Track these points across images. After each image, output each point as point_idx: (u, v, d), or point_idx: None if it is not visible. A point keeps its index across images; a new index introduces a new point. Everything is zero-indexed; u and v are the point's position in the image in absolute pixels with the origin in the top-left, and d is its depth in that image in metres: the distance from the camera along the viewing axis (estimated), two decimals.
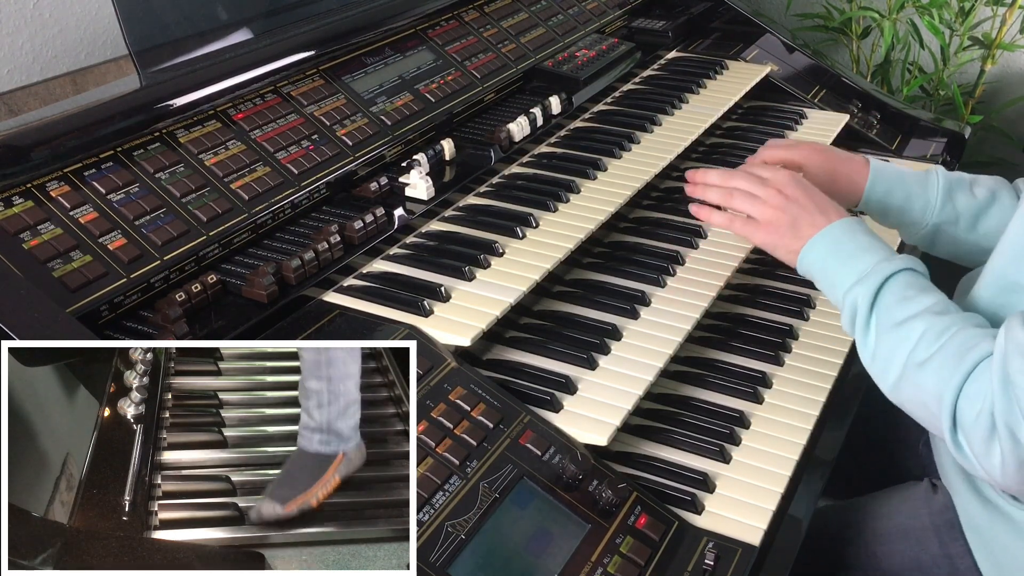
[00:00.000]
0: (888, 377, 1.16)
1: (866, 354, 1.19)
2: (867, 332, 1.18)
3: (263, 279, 1.19)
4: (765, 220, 1.29)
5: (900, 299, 1.16)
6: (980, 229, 1.42)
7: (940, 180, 1.44)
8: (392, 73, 1.60)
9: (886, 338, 1.15)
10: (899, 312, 1.15)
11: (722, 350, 1.43)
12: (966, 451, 1.08)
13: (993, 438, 1.04)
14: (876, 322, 1.17)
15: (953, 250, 1.46)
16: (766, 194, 1.30)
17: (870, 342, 1.17)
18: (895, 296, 1.16)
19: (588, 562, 1.02)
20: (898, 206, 1.44)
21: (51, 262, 1.10)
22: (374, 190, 1.43)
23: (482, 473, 1.06)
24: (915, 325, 1.13)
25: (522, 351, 1.29)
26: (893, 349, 1.14)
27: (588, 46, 1.92)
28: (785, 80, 2.09)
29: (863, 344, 1.19)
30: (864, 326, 1.18)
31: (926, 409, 1.13)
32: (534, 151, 1.67)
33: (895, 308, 1.16)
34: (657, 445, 1.24)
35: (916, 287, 1.17)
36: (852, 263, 1.21)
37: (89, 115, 1.23)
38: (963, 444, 1.08)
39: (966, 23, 2.47)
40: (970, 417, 1.06)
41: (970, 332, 1.11)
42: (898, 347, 1.14)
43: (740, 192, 1.33)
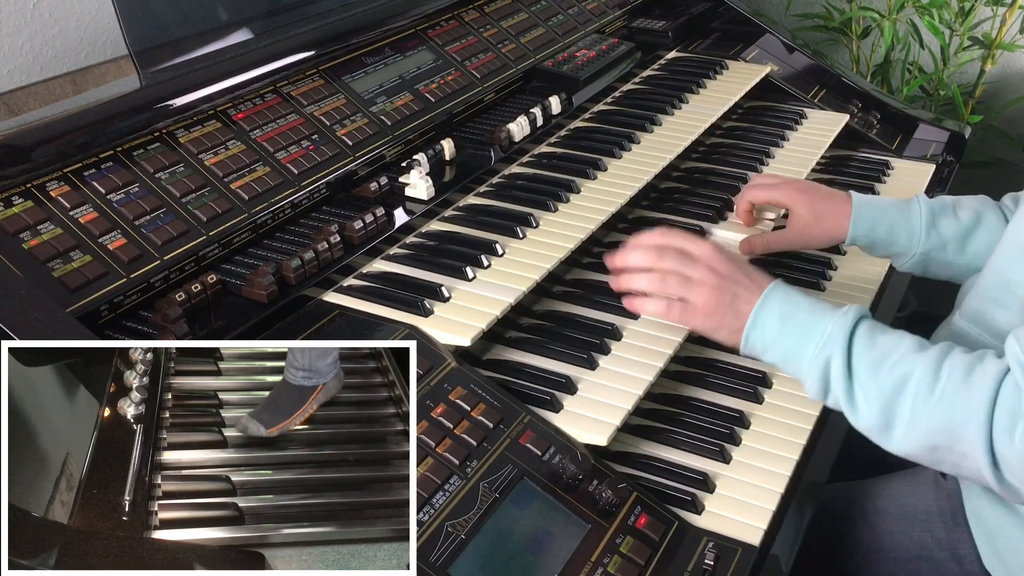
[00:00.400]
0: (894, 429, 1.10)
1: (858, 415, 1.12)
2: (851, 393, 1.12)
3: (263, 279, 1.19)
4: (703, 303, 1.20)
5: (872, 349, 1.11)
6: (969, 251, 1.43)
7: (923, 209, 1.44)
8: (392, 73, 1.60)
9: (874, 390, 1.10)
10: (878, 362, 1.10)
11: (722, 350, 1.42)
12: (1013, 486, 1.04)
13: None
14: (858, 381, 1.11)
15: (947, 273, 1.48)
16: (699, 275, 1.21)
17: (859, 402, 1.11)
18: (864, 346, 1.12)
19: (588, 562, 1.02)
20: (884, 239, 1.46)
21: (51, 262, 1.10)
22: (374, 190, 1.43)
23: (482, 473, 1.06)
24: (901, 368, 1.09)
25: (522, 351, 1.29)
26: (891, 398, 1.09)
27: (588, 46, 1.92)
28: (785, 80, 2.09)
29: (851, 405, 1.12)
30: (846, 388, 1.12)
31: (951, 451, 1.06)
32: (534, 151, 1.67)
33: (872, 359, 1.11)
34: (657, 445, 1.24)
35: (879, 331, 1.13)
36: (807, 330, 1.15)
37: (89, 115, 1.23)
38: (1008, 479, 1.03)
39: (966, 23, 2.47)
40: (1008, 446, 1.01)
41: (963, 357, 1.08)
42: (897, 394, 1.08)
43: (671, 275, 1.23)
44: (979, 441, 1.03)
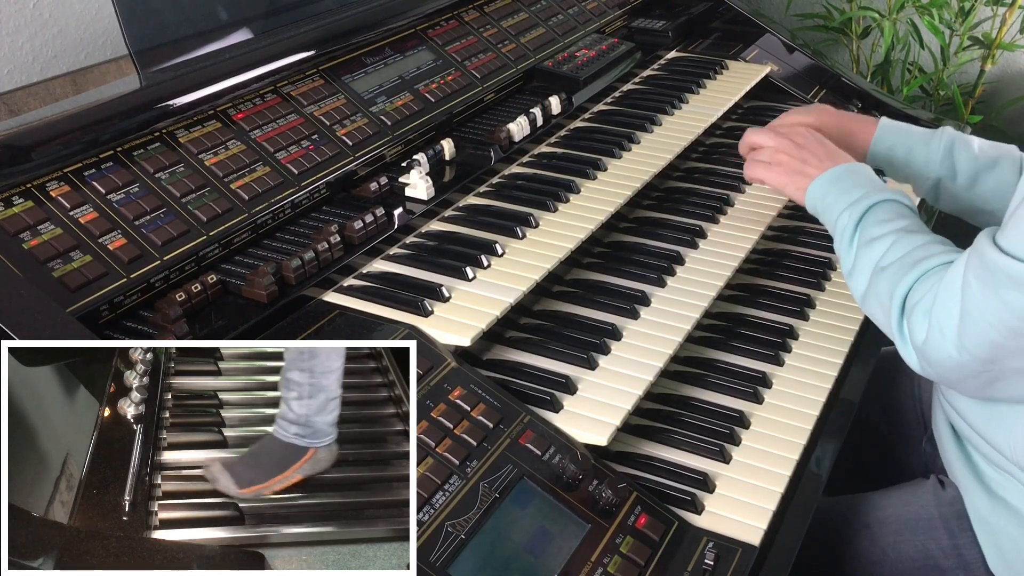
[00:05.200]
0: (860, 287, 1.29)
1: (846, 268, 1.32)
2: (849, 248, 1.31)
3: (263, 279, 1.19)
4: (776, 163, 1.47)
5: (880, 220, 1.29)
6: (977, 189, 1.50)
7: (944, 136, 1.53)
8: (392, 73, 1.60)
9: (862, 252, 1.29)
10: (877, 230, 1.28)
11: (722, 350, 1.43)
12: (905, 335, 1.20)
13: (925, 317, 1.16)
14: (857, 239, 1.30)
15: (953, 206, 1.55)
16: (780, 143, 1.47)
17: (850, 258, 1.31)
18: (876, 218, 1.29)
19: (588, 562, 1.02)
20: (902, 159, 1.55)
21: (51, 262, 1.10)
22: (374, 190, 1.43)
23: (482, 473, 1.06)
24: (887, 239, 1.26)
25: (522, 351, 1.29)
26: (865, 261, 1.28)
27: (588, 46, 1.92)
28: (785, 80, 2.09)
29: (845, 261, 1.32)
30: (848, 244, 1.31)
31: (883, 309, 1.24)
32: (534, 151, 1.67)
33: (874, 227, 1.29)
34: (657, 445, 1.24)
35: (896, 213, 1.30)
36: (847, 193, 1.34)
37: (89, 115, 1.23)
38: (904, 328, 1.20)
39: (966, 23, 2.47)
40: (912, 303, 1.18)
41: (931, 246, 1.23)
42: (869, 258, 1.27)
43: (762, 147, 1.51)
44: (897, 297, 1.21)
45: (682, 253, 1.49)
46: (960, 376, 1.18)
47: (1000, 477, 1.27)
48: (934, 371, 1.20)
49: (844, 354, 1.43)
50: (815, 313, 1.52)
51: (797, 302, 1.53)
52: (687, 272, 1.45)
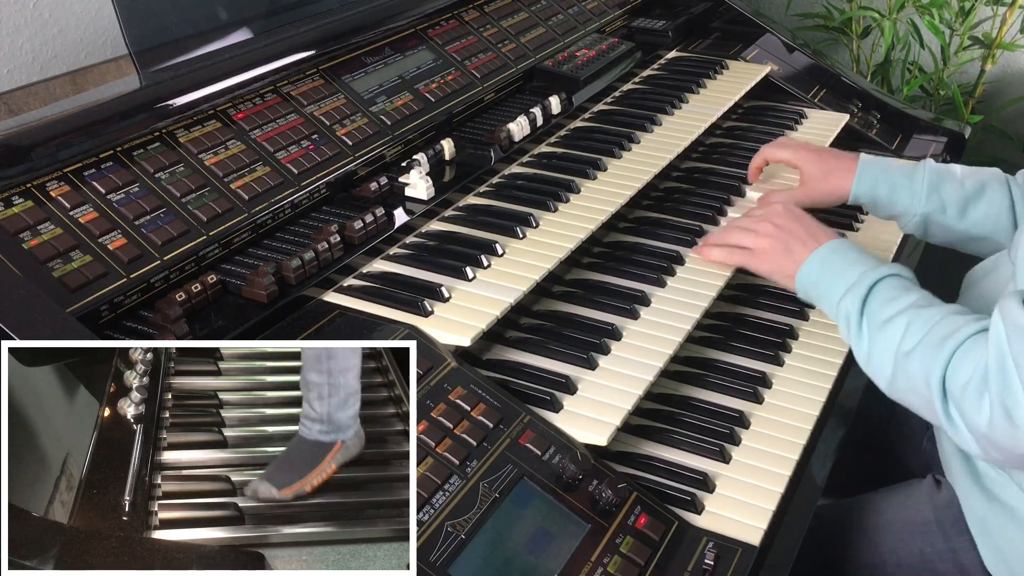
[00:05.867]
0: (884, 374, 1.21)
1: (861, 357, 1.26)
2: (860, 336, 1.24)
3: (263, 279, 1.19)
4: (760, 249, 1.39)
5: (886, 300, 1.23)
6: (968, 218, 1.48)
7: (926, 171, 1.51)
8: (392, 73, 1.60)
9: (877, 338, 1.22)
10: (886, 311, 1.21)
11: (722, 350, 1.43)
12: (955, 419, 1.12)
13: (983, 397, 1.08)
14: (867, 325, 1.23)
15: (946, 238, 1.53)
16: (760, 227, 1.40)
17: (864, 345, 1.24)
18: (881, 299, 1.23)
19: (588, 562, 1.02)
20: (885, 197, 1.52)
21: (51, 262, 1.10)
22: (374, 190, 1.43)
23: (482, 473, 1.06)
24: (900, 320, 1.19)
25: (522, 351, 1.29)
26: (884, 346, 1.20)
27: (588, 46, 1.92)
28: (785, 80, 2.09)
29: (858, 348, 1.26)
30: (857, 331, 1.25)
31: (919, 396, 1.17)
32: (534, 151, 1.67)
33: (882, 309, 1.22)
34: (657, 445, 1.24)
35: (901, 288, 1.24)
36: (842, 276, 1.28)
37: (89, 115, 1.23)
38: (953, 414, 1.12)
39: (966, 23, 2.47)
40: (958, 386, 1.11)
41: (952, 319, 1.16)
42: (887, 343, 1.20)
43: (736, 228, 1.44)
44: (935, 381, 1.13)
45: (682, 253, 1.49)
46: None
47: (999, 477, 1.27)
48: (1003, 456, 1.12)
49: (844, 354, 1.43)
50: (815, 313, 1.52)
51: (797, 302, 1.53)
52: (687, 272, 1.45)
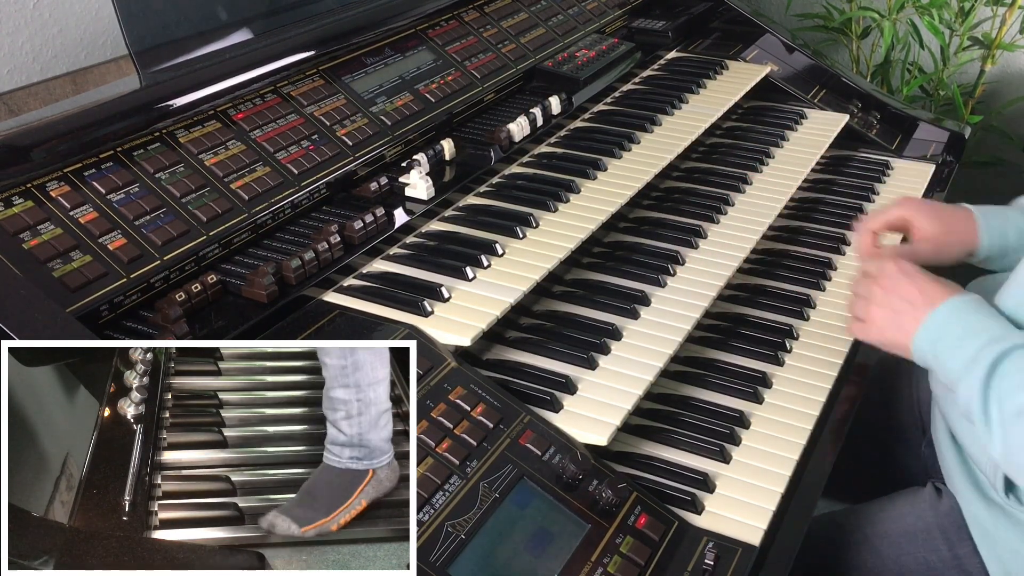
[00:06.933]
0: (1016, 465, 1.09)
1: (996, 451, 1.10)
2: (989, 426, 1.09)
3: (263, 279, 1.19)
4: (869, 319, 1.25)
5: (1018, 385, 1.07)
6: None
7: None
8: (392, 73, 1.60)
9: (1012, 430, 1.07)
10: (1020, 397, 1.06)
11: (722, 350, 1.43)
12: None
13: None
14: (998, 414, 1.08)
15: None
16: (869, 292, 1.26)
17: (996, 437, 1.08)
18: (1012, 382, 1.07)
19: (588, 562, 1.02)
20: (1015, 243, 1.39)
21: (51, 262, 1.10)
22: (374, 190, 1.43)
23: (482, 473, 1.06)
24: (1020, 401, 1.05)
25: (522, 351, 1.29)
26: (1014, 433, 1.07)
27: (588, 46, 1.92)
28: (785, 80, 2.09)
29: (989, 439, 1.10)
30: (983, 420, 1.09)
31: None
32: (534, 151, 1.67)
33: (1014, 394, 1.07)
34: (657, 445, 1.24)
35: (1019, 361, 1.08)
36: (959, 350, 1.13)
37: (89, 115, 1.23)
38: None
39: (966, 23, 2.47)
40: None
41: None
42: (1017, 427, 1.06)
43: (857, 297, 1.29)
44: None
45: (682, 253, 1.49)
46: None
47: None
48: None
49: (844, 354, 1.43)
50: (815, 313, 1.52)
51: (797, 302, 1.53)
52: (687, 272, 1.45)
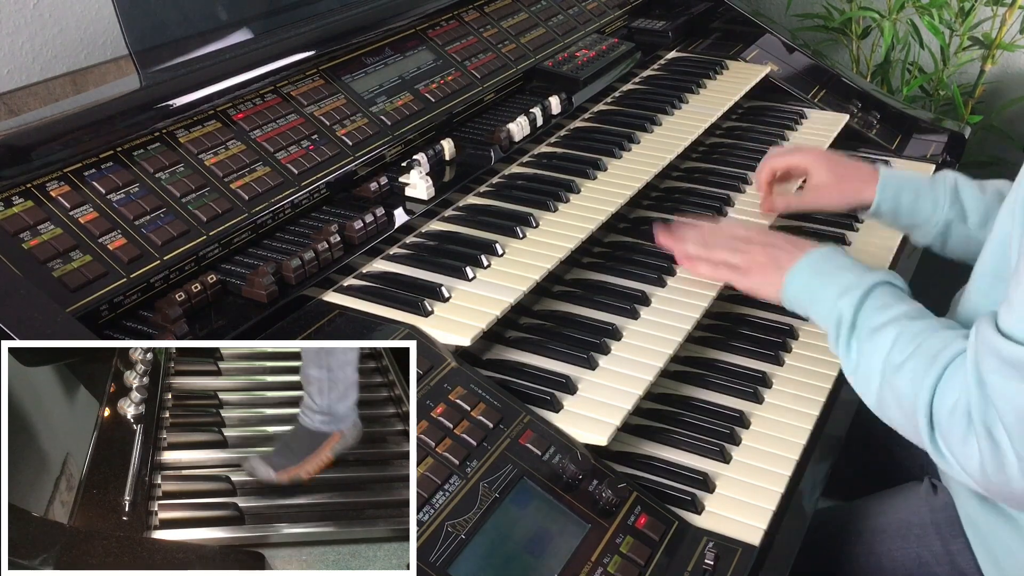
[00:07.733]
0: (870, 388, 1.16)
1: (849, 367, 1.19)
2: (849, 344, 1.18)
3: (263, 279, 1.19)
4: (746, 265, 1.32)
5: (878, 307, 1.17)
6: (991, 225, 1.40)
7: (947, 179, 1.48)
8: (392, 73, 1.60)
9: (865, 347, 1.16)
10: (877, 319, 1.16)
11: (722, 350, 1.43)
12: (943, 451, 1.07)
13: (970, 434, 1.03)
14: (857, 332, 1.17)
15: (964, 249, 1.48)
16: (745, 246, 1.33)
17: (852, 354, 1.18)
18: (874, 305, 1.18)
19: (588, 562, 1.02)
20: (908, 205, 1.49)
21: (51, 262, 1.10)
22: (374, 190, 1.43)
23: (482, 473, 1.06)
24: (889, 330, 1.14)
25: (522, 351, 1.29)
26: (871, 357, 1.15)
27: (588, 46, 1.92)
28: (785, 80, 2.09)
29: (846, 357, 1.19)
30: (847, 338, 1.18)
31: (904, 415, 1.11)
32: (534, 151, 1.67)
33: (873, 316, 1.17)
34: (657, 445, 1.24)
35: (894, 297, 1.18)
36: (834, 281, 1.22)
37: (89, 115, 1.23)
38: (940, 444, 1.07)
39: (966, 23, 2.47)
40: (945, 415, 1.06)
41: (942, 334, 1.11)
42: (875, 354, 1.14)
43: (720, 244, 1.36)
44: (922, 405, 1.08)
45: None
46: None
47: None
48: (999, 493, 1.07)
49: None
50: None
51: None
52: (687, 272, 1.45)
